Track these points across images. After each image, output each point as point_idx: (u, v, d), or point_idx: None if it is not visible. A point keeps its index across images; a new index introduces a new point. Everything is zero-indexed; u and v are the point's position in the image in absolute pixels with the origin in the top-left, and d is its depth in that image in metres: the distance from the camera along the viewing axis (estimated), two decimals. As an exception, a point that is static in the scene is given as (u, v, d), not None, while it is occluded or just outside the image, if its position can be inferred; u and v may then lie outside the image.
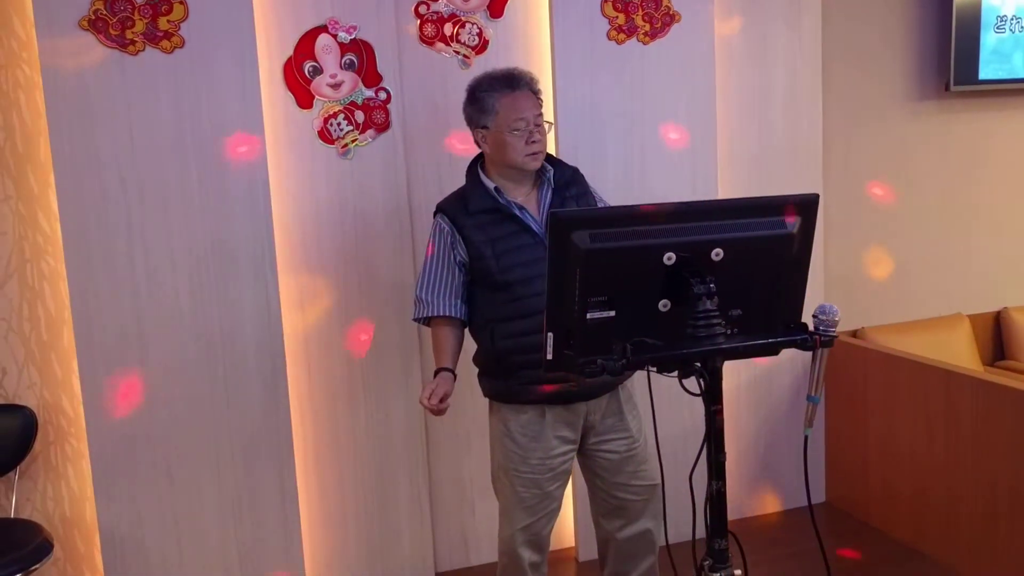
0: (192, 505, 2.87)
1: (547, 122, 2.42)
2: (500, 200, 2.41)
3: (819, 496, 3.77)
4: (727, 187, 3.40)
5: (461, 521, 3.30)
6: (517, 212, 2.40)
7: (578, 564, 3.32)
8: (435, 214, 2.49)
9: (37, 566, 2.45)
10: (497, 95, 2.38)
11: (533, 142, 2.37)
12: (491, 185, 2.42)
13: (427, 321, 2.49)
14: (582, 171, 2.55)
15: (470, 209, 2.42)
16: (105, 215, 2.70)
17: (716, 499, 1.80)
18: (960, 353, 3.76)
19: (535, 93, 2.42)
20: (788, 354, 3.58)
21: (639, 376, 2.60)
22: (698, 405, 1.81)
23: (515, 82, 2.39)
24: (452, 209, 2.45)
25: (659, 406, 2.11)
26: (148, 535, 2.84)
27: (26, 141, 2.71)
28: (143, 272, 2.76)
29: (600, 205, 2.54)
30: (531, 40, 3.15)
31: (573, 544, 3.37)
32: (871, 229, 3.82)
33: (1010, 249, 4.06)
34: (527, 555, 2.56)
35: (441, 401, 2.37)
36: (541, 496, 2.51)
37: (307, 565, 3.05)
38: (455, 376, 2.42)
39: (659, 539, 2.71)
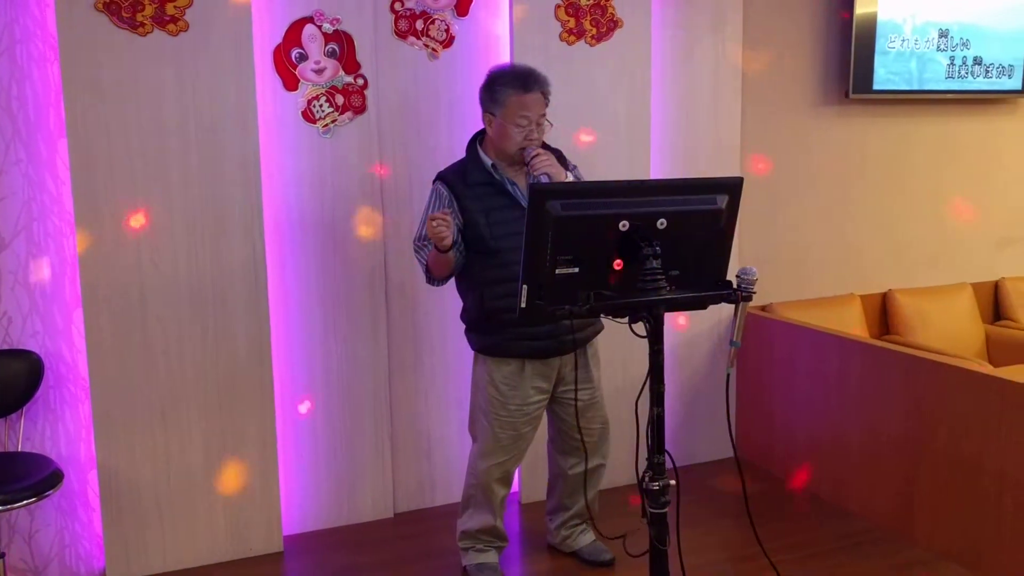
0: (182, 445, 3.17)
1: (548, 122, 2.79)
2: (496, 176, 2.79)
3: (730, 451, 4.27)
4: (658, 174, 3.85)
5: (418, 468, 3.68)
6: (509, 187, 2.79)
7: (521, 506, 3.74)
8: (434, 181, 2.85)
9: (50, 492, 2.71)
10: (511, 91, 2.71)
11: (530, 138, 2.73)
12: (488, 162, 2.80)
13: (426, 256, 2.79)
14: None
15: (468, 181, 2.79)
16: (112, 179, 2.98)
17: (656, 422, 2.22)
18: (852, 327, 4.29)
19: (544, 95, 2.76)
20: (707, 324, 4.08)
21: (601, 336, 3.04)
22: (631, 365, 2.23)
23: (529, 84, 2.71)
24: (452, 179, 2.80)
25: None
26: (141, 472, 3.12)
27: (38, 110, 2.95)
28: (144, 231, 3.04)
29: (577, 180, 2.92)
30: (492, 37, 3.53)
31: (517, 489, 3.78)
32: (778, 218, 4.32)
33: (896, 238, 4.62)
34: (499, 490, 2.98)
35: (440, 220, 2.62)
36: (516, 437, 2.92)
37: (282, 504, 3.38)
38: (453, 245, 2.68)
39: (604, 475, 3.16)
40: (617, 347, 3.75)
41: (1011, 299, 4.79)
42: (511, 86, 2.73)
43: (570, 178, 2.79)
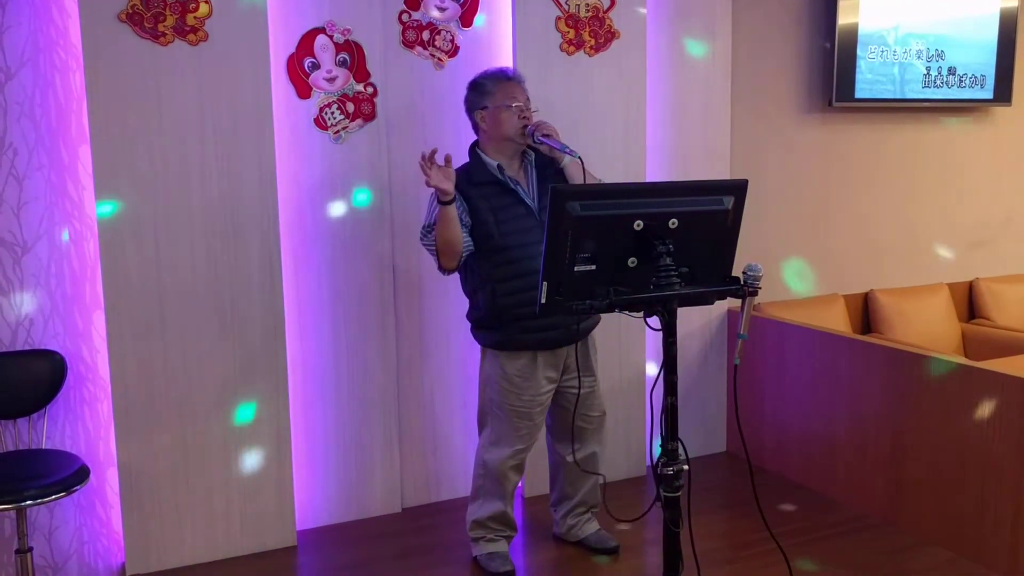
0: (199, 443, 3.25)
1: (534, 108, 2.96)
2: (501, 176, 2.93)
3: (721, 446, 4.43)
4: (653, 178, 4.00)
5: (425, 464, 3.78)
6: (514, 187, 2.93)
7: (525, 499, 3.86)
8: None
9: (78, 487, 2.78)
10: (494, 81, 2.94)
11: (524, 118, 2.90)
12: (493, 163, 2.94)
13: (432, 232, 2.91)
14: None
15: (474, 181, 2.93)
16: (134, 183, 3.06)
17: (670, 411, 2.35)
18: (836, 326, 4.45)
19: (524, 90, 2.97)
20: (696, 325, 4.23)
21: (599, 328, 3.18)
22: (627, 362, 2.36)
23: (509, 74, 2.97)
24: (458, 180, 2.92)
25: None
26: (160, 469, 3.20)
27: (60, 118, 3.04)
28: (164, 234, 3.12)
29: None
30: (495, 48, 3.67)
31: (521, 484, 3.89)
32: (765, 221, 4.49)
33: (876, 240, 4.81)
34: (514, 478, 3.10)
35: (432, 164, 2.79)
36: (532, 427, 3.05)
37: (296, 499, 3.47)
38: (455, 199, 2.82)
39: (603, 462, 3.29)
40: (614, 343, 3.89)
41: (985, 298, 5.00)
42: (494, 77, 2.98)
43: (568, 161, 2.92)
